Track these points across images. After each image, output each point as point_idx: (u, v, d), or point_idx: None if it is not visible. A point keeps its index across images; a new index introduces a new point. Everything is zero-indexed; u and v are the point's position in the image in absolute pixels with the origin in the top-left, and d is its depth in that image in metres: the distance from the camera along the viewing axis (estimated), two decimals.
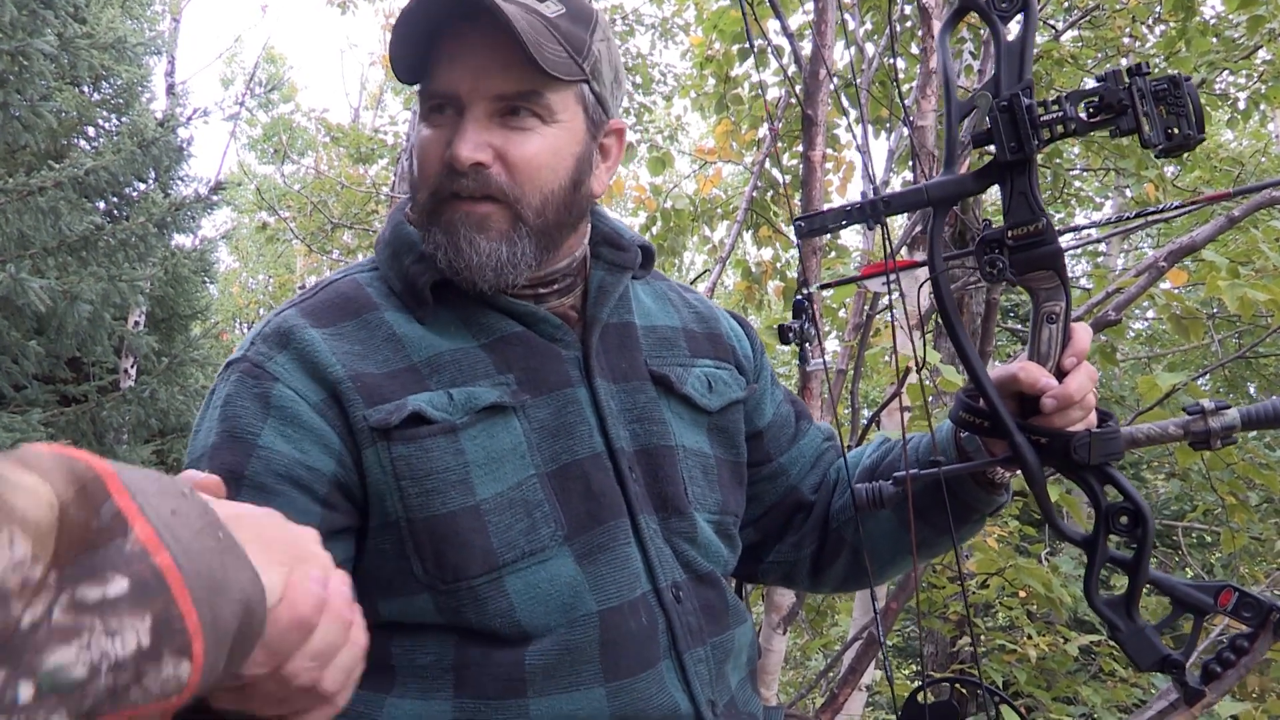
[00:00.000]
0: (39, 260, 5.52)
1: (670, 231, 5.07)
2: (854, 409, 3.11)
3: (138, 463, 6.37)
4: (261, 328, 1.06)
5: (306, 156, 15.94)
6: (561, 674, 0.99)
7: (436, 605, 1.00)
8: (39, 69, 5.49)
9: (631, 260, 1.16)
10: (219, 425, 1.00)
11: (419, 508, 0.98)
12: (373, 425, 0.98)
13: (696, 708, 1.04)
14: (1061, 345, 1.00)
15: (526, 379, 1.05)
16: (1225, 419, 0.96)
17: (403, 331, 1.04)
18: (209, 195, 6.55)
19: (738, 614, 1.15)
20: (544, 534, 1.01)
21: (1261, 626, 0.94)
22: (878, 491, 1.06)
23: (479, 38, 1.00)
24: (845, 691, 2.84)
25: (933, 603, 4.35)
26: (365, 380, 1.00)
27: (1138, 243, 10.71)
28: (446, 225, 1.02)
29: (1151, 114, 0.89)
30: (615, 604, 1.02)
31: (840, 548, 1.26)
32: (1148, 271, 2.56)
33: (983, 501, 1.14)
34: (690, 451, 1.14)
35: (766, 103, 2.32)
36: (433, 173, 1.03)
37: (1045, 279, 0.96)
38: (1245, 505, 3.27)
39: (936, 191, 0.96)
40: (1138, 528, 0.96)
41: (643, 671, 1.02)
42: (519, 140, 1.01)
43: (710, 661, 1.08)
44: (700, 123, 13.49)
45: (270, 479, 0.97)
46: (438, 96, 1.03)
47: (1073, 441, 0.97)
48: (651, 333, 1.19)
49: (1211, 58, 4.94)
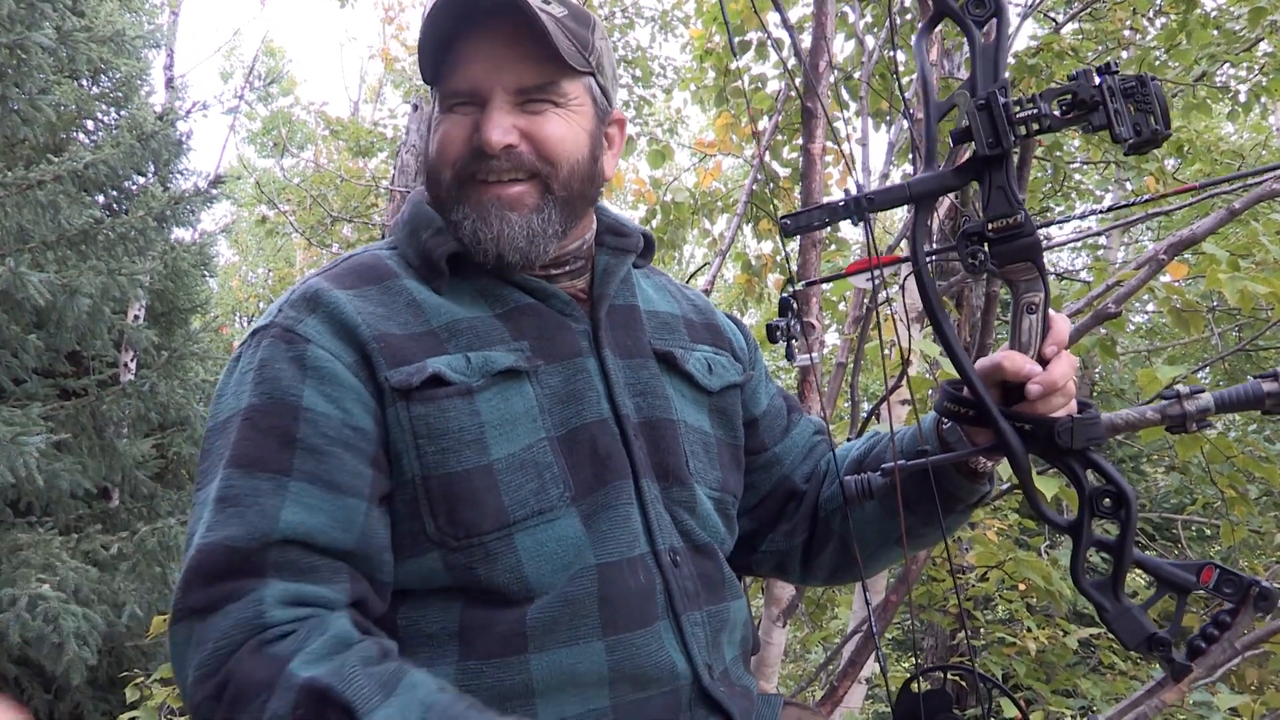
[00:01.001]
0: (38, 254, 5.51)
1: (670, 225, 5.06)
2: (854, 402, 3.11)
3: (138, 456, 6.38)
4: (288, 295, 1.10)
5: (306, 150, 15.92)
6: (561, 628, 1.02)
7: (446, 564, 1.03)
8: (37, 62, 5.48)
9: (634, 245, 1.24)
10: (255, 388, 1.02)
11: (435, 465, 1.02)
12: (394, 386, 1.02)
13: (694, 668, 1.07)
14: (1042, 335, 1.03)
15: (539, 347, 1.10)
16: (1200, 402, 1.00)
17: (422, 299, 1.10)
18: (208, 189, 6.53)
19: (734, 589, 1.19)
20: (553, 494, 1.05)
21: (1242, 602, 0.97)
22: (866, 483, 1.09)
23: (496, 36, 1.08)
24: (845, 684, 2.84)
25: (932, 596, 4.35)
26: (389, 341, 1.04)
27: (1138, 236, 10.70)
28: (476, 205, 1.09)
29: (1121, 111, 0.92)
30: (614, 559, 1.05)
31: (828, 538, 1.29)
32: (1148, 265, 2.55)
33: (966, 491, 1.17)
34: (691, 428, 1.19)
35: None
36: (456, 155, 1.10)
37: (1024, 270, 0.99)
38: (1245, 498, 3.26)
39: (918, 188, 1.00)
40: (1121, 509, 0.99)
41: (641, 628, 1.05)
42: (540, 121, 1.10)
43: (706, 628, 1.11)
44: (700, 116, 13.43)
45: (322, 441, 1.00)
46: (459, 94, 1.10)
47: (1056, 427, 1.00)
48: (654, 316, 1.24)
49: (1212, 50, 4.92)
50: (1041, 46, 4.26)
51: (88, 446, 6.08)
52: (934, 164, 1.01)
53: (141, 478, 6.50)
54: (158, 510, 6.49)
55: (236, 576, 0.94)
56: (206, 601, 0.94)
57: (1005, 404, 1.04)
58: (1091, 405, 1.05)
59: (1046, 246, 3.84)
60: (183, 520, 5.78)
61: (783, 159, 4.65)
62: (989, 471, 1.17)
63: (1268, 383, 0.99)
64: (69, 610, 4.79)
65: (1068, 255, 10.42)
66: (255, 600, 0.93)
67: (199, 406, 6.42)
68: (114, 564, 5.57)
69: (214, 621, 0.93)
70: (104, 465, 6.16)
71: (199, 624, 0.94)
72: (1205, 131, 6.93)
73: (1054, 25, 5.07)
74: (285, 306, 1.08)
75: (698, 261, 10.16)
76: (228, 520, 0.96)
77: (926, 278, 1.00)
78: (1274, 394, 0.98)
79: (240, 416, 1.01)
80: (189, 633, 0.94)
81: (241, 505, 0.96)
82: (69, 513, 6.18)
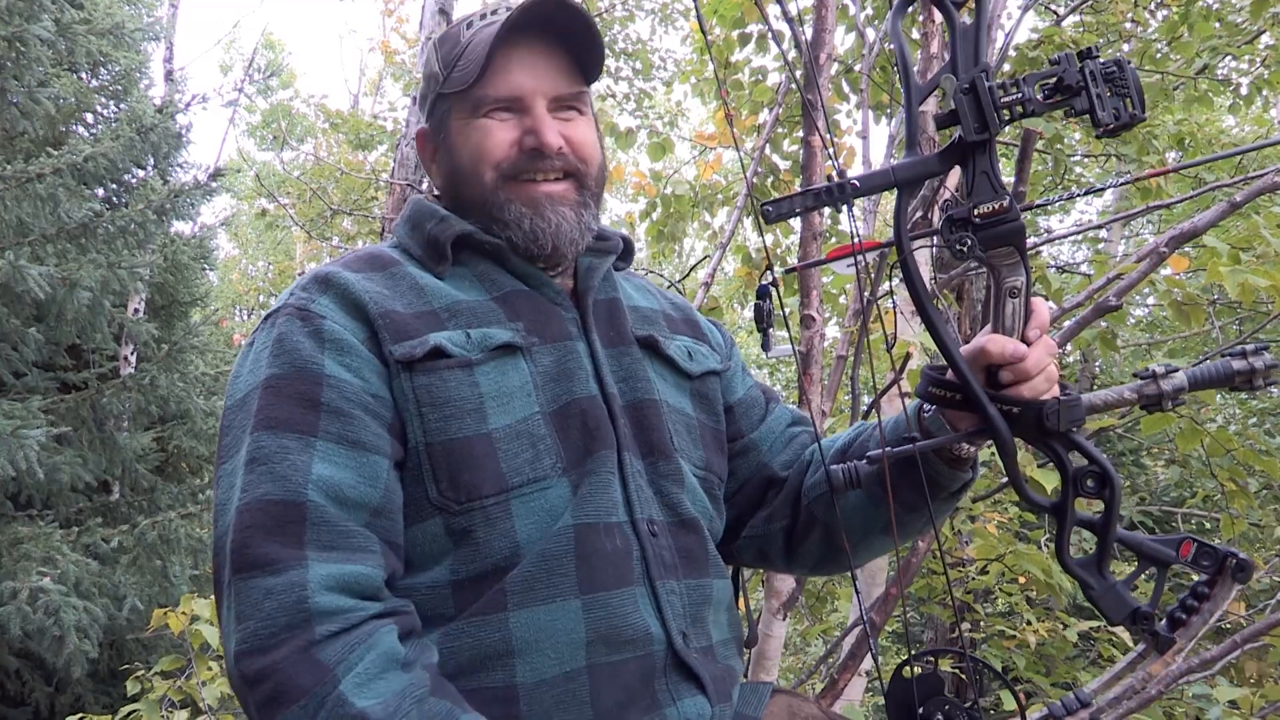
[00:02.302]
0: (38, 247, 5.51)
1: (670, 217, 5.05)
2: (854, 395, 3.10)
3: (138, 449, 6.38)
4: (299, 281, 1.17)
5: (306, 143, 15.89)
6: (539, 586, 1.05)
7: (447, 528, 1.07)
8: (36, 55, 5.47)
9: (614, 247, 1.32)
10: (275, 360, 1.07)
11: (437, 432, 1.07)
12: (398, 359, 1.08)
13: (669, 634, 1.09)
14: (1024, 319, 1.04)
15: (533, 328, 1.17)
16: (1174, 381, 1.02)
17: (424, 283, 1.17)
18: (208, 182, 6.53)
19: (718, 568, 1.22)
20: (545, 464, 1.10)
21: (1219, 573, 1.00)
22: (854, 471, 1.09)
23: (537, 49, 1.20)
24: (845, 677, 2.85)
25: (931, 589, 4.36)
26: (393, 318, 1.11)
27: (1139, 229, 10.68)
28: (529, 201, 1.20)
29: (1103, 95, 0.93)
30: (591, 521, 1.09)
31: (812, 525, 1.30)
32: (1149, 258, 2.55)
33: (949, 478, 1.19)
34: (674, 408, 1.25)
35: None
36: (502, 156, 1.20)
37: (1006, 255, 1.00)
38: (1245, 491, 3.27)
39: (903, 173, 1.00)
40: (1104, 488, 1.01)
41: (616, 589, 1.08)
42: (573, 127, 1.23)
43: (684, 598, 1.13)
44: (700, 108, 13.41)
45: (345, 405, 1.05)
46: (500, 100, 1.20)
47: (1045, 410, 1.01)
48: (635, 311, 1.32)
49: (1214, 42, 4.91)
50: (1042, 39, 4.24)
51: (88, 440, 6.08)
52: (916, 148, 1.01)
53: (142, 471, 6.51)
54: (158, 503, 6.50)
55: (275, 537, 0.98)
56: (248, 561, 0.97)
57: (990, 387, 1.05)
58: (1069, 387, 1.06)
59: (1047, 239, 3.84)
60: (184, 514, 5.79)
61: (783, 151, 4.65)
62: (971, 458, 1.19)
63: (1237, 361, 1.01)
64: (70, 603, 4.80)
65: (1068, 249, 10.41)
66: (298, 583, 0.96)
67: (199, 400, 6.42)
68: (114, 557, 5.57)
69: (254, 593, 0.96)
70: (104, 458, 6.17)
71: (242, 586, 0.97)
72: (1206, 124, 6.91)
73: (1055, 18, 5.06)
74: (296, 290, 1.14)
75: (698, 254, 10.15)
76: (260, 479, 1.00)
77: (912, 263, 1.00)
78: (1243, 371, 1.00)
79: (261, 387, 1.06)
80: (232, 596, 0.97)
81: (271, 463, 1.01)
82: (69, 506, 6.18)
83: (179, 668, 3.39)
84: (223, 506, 1.03)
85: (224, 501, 1.04)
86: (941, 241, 0.99)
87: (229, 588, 0.98)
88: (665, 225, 5.05)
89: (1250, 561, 0.99)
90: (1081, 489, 1.02)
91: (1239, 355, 1.01)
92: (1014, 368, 1.04)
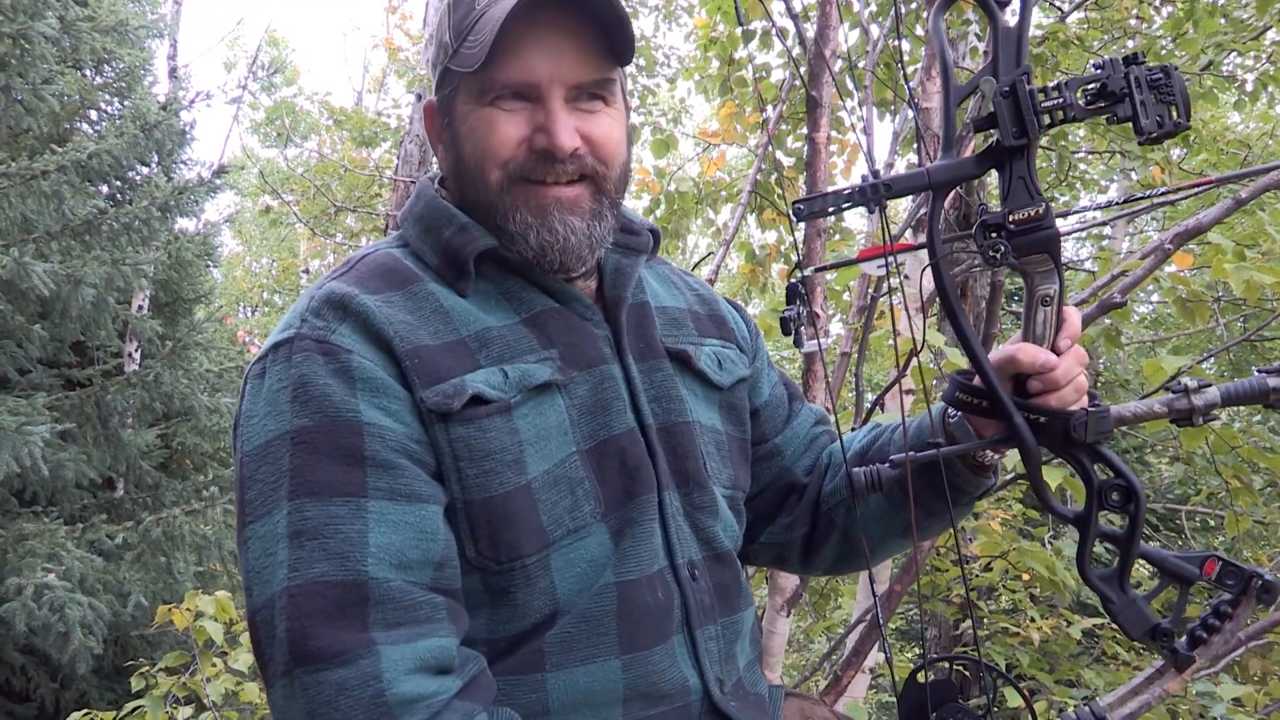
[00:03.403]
0: (42, 244, 5.51)
1: (674, 214, 5.05)
2: (858, 392, 3.10)
3: (143, 446, 6.39)
4: (308, 303, 1.02)
5: (309, 140, 15.90)
6: (579, 646, 1.00)
7: (485, 585, 1.00)
8: (40, 52, 5.47)
9: (645, 244, 1.19)
10: (301, 408, 0.95)
11: (476, 489, 0.98)
12: (430, 408, 0.97)
13: (705, 684, 1.06)
14: (1056, 327, 1.03)
15: (568, 354, 1.07)
16: (1207, 396, 1.01)
17: (449, 305, 1.05)
18: (212, 179, 6.53)
19: (747, 596, 1.18)
20: (585, 511, 1.03)
21: (1243, 593, 0.99)
22: (875, 474, 1.07)
23: (561, 27, 1.02)
24: (848, 674, 2.85)
25: (936, 586, 4.35)
26: (422, 356, 0.99)
27: (1143, 226, 10.66)
28: (537, 209, 1.05)
29: (1147, 102, 0.91)
30: (634, 577, 1.03)
31: (831, 530, 1.28)
32: (1153, 254, 2.54)
33: (971, 484, 1.17)
34: (705, 428, 1.17)
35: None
36: (510, 155, 1.04)
37: (1040, 262, 0.98)
38: (1249, 489, 3.26)
39: (939, 175, 0.98)
40: (1130, 503, 1.00)
41: (657, 645, 1.03)
42: (594, 122, 1.06)
43: (720, 640, 1.10)
44: (704, 105, 13.37)
45: (391, 455, 0.95)
46: (510, 86, 1.03)
47: (1073, 421, 0.99)
48: (663, 313, 1.22)
49: (1219, 39, 4.89)
50: (1047, 35, 4.23)
51: (92, 436, 6.09)
52: (952, 150, 0.99)
53: (146, 468, 6.52)
54: (162, 500, 6.50)
55: (338, 623, 0.89)
56: (311, 653, 0.88)
57: (1017, 395, 1.04)
58: (1097, 396, 1.05)
59: None
60: (188, 510, 5.80)
61: (787, 148, 4.64)
62: (994, 464, 1.17)
63: (1273, 378, 0.99)
64: (75, 599, 4.81)
65: (1073, 245, 10.38)
66: (372, 674, 0.88)
67: (203, 396, 6.42)
68: (119, 553, 5.58)
69: (325, 689, 0.87)
70: (109, 455, 6.17)
71: (309, 681, 0.88)
72: (1211, 121, 6.89)
73: (1060, 14, 5.04)
74: (308, 315, 1.00)
75: (701, 251, 10.14)
76: (313, 556, 0.90)
77: (944, 267, 0.98)
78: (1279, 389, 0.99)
79: (290, 440, 0.94)
80: (298, 691, 0.88)
81: (322, 537, 0.91)
82: (74, 502, 6.19)
83: (183, 664, 3.40)
84: (260, 575, 0.93)
85: (262, 569, 0.93)
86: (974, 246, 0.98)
87: (291, 680, 0.89)
88: (669, 222, 5.04)
89: (1276, 583, 0.97)
90: (1106, 502, 1.00)
91: (1275, 372, 0.99)
92: (1043, 377, 1.01)
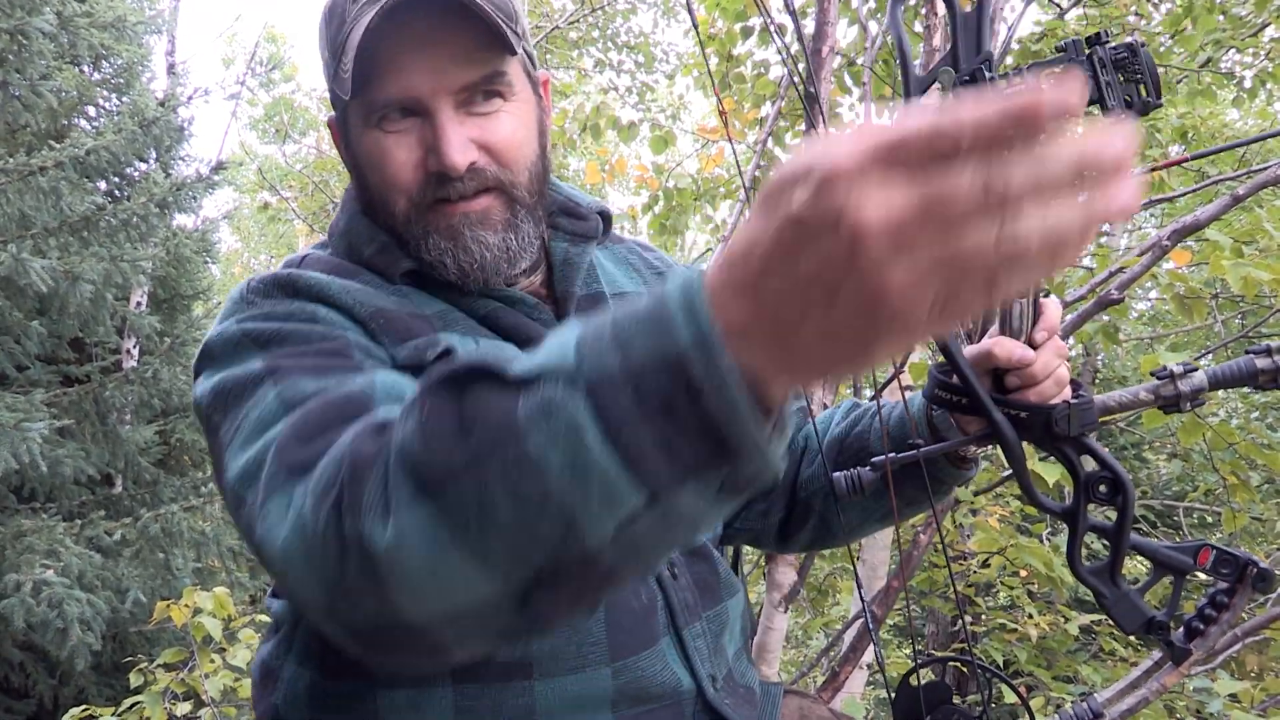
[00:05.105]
0: (40, 240, 5.50)
1: (672, 210, 5.05)
2: (855, 388, 3.11)
3: (141, 442, 6.39)
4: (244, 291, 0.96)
5: (308, 136, 15.87)
6: (567, 655, 0.98)
7: None
8: (38, 48, 5.46)
9: (593, 229, 1.14)
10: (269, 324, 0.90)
11: None
12: (403, 363, 0.92)
13: (698, 683, 1.04)
14: (1033, 320, 1.00)
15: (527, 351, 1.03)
16: (1193, 381, 0.98)
17: (402, 292, 1.01)
18: (210, 175, 6.52)
19: (729, 586, 1.16)
20: None
21: (1239, 581, 0.96)
22: (857, 479, 1.06)
23: (418, 31, 0.94)
24: (846, 670, 2.85)
25: (933, 582, 4.36)
26: (387, 316, 0.94)
27: (1141, 222, 10.66)
28: (448, 231, 0.99)
29: (1113, 82, 0.89)
30: None
31: (808, 515, 1.27)
32: (1151, 251, 2.54)
33: (953, 476, 1.16)
34: None
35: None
36: (408, 180, 0.98)
37: None
38: (1246, 485, 3.26)
39: None
40: (1118, 495, 0.97)
41: (645, 649, 1.01)
42: (493, 125, 0.98)
43: (707, 636, 1.08)
44: (702, 101, 13.38)
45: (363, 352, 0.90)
46: (393, 104, 0.96)
47: (1054, 415, 0.96)
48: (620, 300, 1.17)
49: (1218, 35, 4.89)
50: (1046, 32, 4.23)
51: (91, 433, 6.09)
52: None
53: (144, 464, 6.51)
54: (160, 496, 6.50)
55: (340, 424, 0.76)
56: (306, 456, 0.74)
57: (997, 390, 1.01)
58: (1082, 385, 1.03)
59: None
60: (186, 507, 5.79)
61: (785, 145, 4.64)
62: (975, 457, 1.16)
63: (1261, 359, 0.96)
64: (73, 596, 4.81)
65: None
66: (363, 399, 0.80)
67: None
68: (117, 550, 5.58)
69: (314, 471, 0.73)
70: (107, 451, 6.17)
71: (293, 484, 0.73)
72: (1210, 118, 6.89)
73: (1058, 10, 5.04)
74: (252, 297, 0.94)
75: (700, 247, 10.14)
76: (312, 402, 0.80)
77: None
78: (1267, 370, 0.96)
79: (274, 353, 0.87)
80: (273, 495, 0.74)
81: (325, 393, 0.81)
82: (72, 499, 6.19)
83: (182, 660, 3.41)
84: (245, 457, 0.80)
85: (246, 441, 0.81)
86: None
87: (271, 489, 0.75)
88: (667, 218, 5.04)
89: (1272, 571, 0.95)
90: (1094, 495, 0.98)
91: (1263, 353, 0.96)
92: (1020, 372, 0.99)
